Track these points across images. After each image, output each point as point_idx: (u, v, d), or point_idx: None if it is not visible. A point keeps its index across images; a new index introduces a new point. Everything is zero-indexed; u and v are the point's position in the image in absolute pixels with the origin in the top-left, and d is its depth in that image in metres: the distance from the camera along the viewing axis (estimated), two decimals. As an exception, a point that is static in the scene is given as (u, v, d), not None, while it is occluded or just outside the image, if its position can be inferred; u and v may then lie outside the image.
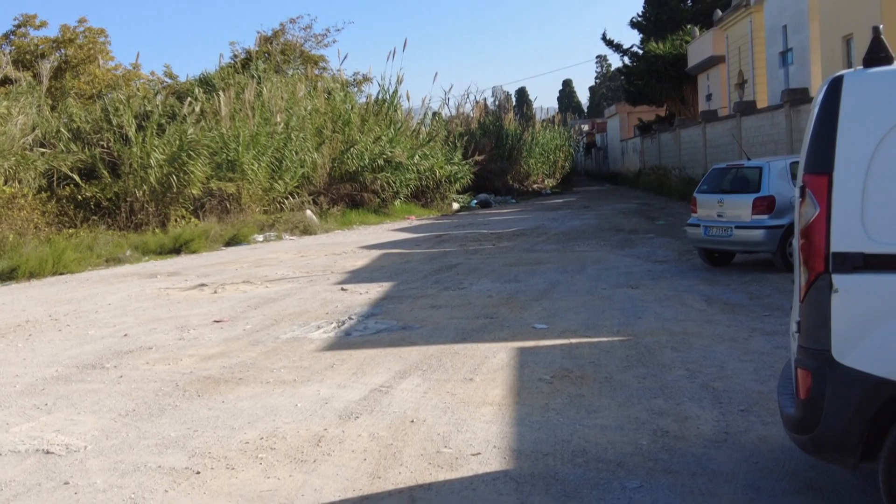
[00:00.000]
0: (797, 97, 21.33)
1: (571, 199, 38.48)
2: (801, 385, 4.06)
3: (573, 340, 8.92)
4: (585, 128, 72.76)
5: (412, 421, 6.40)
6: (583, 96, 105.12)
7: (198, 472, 5.52)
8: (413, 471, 5.38)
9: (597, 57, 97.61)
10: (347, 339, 9.62)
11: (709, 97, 40.23)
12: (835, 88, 3.92)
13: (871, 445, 3.76)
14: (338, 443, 5.99)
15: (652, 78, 46.46)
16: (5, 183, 20.70)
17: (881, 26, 4.18)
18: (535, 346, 8.79)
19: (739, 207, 13.05)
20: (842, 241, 3.73)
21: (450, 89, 78.82)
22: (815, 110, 4.10)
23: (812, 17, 25.32)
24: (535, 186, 46.41)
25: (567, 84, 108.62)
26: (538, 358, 8.26)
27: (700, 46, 40.14)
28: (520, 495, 4.91)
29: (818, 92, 4.27)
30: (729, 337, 8.75)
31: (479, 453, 5.62)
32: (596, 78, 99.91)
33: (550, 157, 49.29)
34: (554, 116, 63.99)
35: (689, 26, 44.60)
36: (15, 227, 19.85)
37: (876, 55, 3.97)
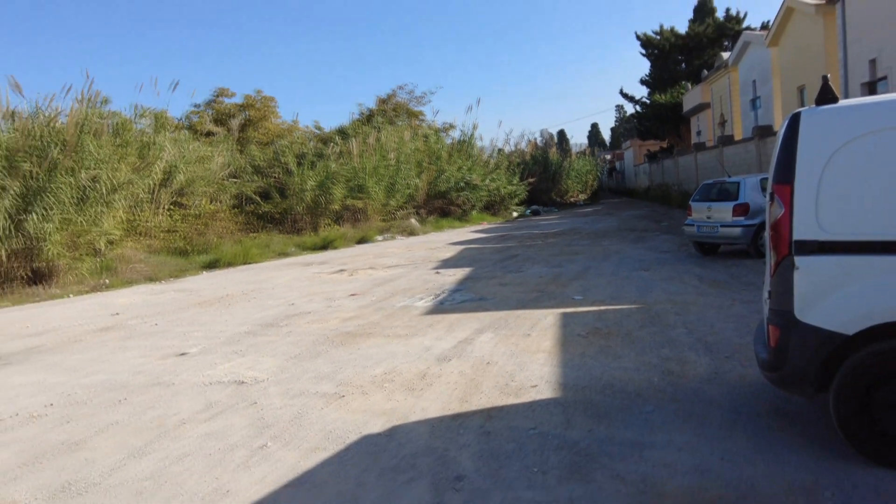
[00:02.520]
0: (764, 132, 20.76)
1: (598, 209, 37.84)
2: (771, 337, 4.13)
3: (602, 307, 8.77)
4: (608, 157, 71.52)
5: (488, 363, 6.38)
6: (606, 135, 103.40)
7: (342, 396, 5.61)
8: (489, 397, 5.37)
9: (616, 106, 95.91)
10: (441, 307, 9.63)
11: (699, 133, 39.12)
12: (794, 121, 4.01)
13: (823, 381, 3.85)
14: (437, 377, 6.01)
15: (656, 120, 45.79)
16: (210, 203, 21.31)
17: (829, 75, 4.14)
18: (574, 311, 8.67)
19: (723, 211, 12.71)
20: (801, 232, 3.83)
21: (510, 132, 78.59)
22: (780, 138, 4.15)
23: (774, 73, 24.70)
24: (571, 199, 45.79)
25: (594, 126, 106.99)
26: (576, 320, 8.15)
27: (692, 97, 39.23)
28: (566, 415, 4.86)
29: (782, 125, 4.24)
30: (717, 305, 8.50)
31: (536, 385, 5.58)
32: (615, 121, 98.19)
33: (583, 178, 48.68)
34: (585, 150, 63.53)
35: (683, 82, 43.63)
36: (217, 233, 20.44)
37: (825, 96, 4.06)
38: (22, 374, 7.23)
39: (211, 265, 17.61)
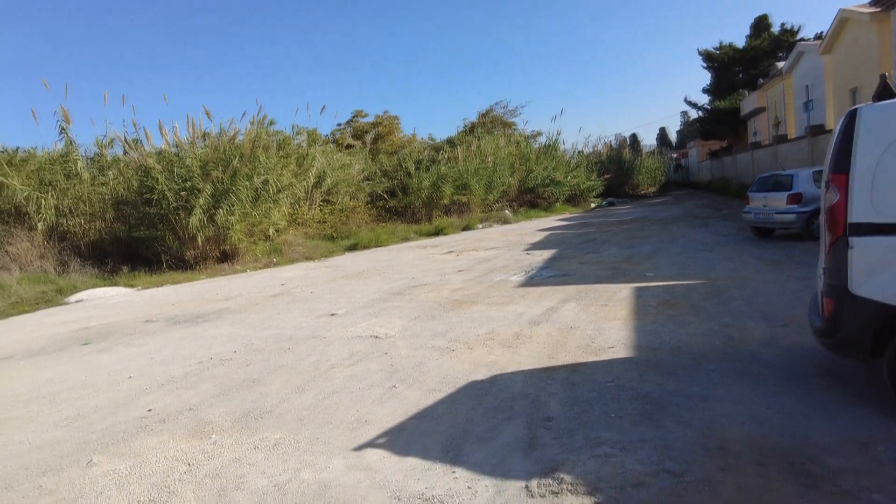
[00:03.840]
0: (816, 130, 18.82)
1: (666, 199, 35.91)
2: (825, 308, 3.81)
3: (670, 282, 8.35)
4: (674, 155, 67.54)
5: (571, 327, 6.23)
6: (672, 137, 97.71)
7: (453, 350, 5.65)
8: (573, 355, 5.25)
9: (681, 112, 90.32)
10: (531, 281, 9.50)
11: (755, 133, 36.17)
12: (852, 116, 3.66)
13: (876, 347, 3.53)
14: (528, 338, 5.94)
15: (717, 123, 42.89)
16: (350, 199, 22.03)
17: (888, 74, 3.71)
18: (645, 286, 8.30)
19: (778, 200, 11.70)
20: (856, 215, 3.55)
21: (589, 136, 76.25)
22: (837, 132, 3.78)
23: (827, 78, 22.27)
24: (642, 192, 43.60)
25: (662, 129, 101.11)
26: (648, 293, 7.80)
27: (749, 102, 36.32)
28: (638, 371, 4.68)
29: (839, 121, 3.86)
30: (772, 280, 7.87)
31: (613, 347, 5.40)
32: (681, 124, 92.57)
33: (652, 173, 46.15)
34: (654, 150, 60.29)
35: (741, 90, 40.54)
36: (355, 223, 21.12)
37: (883, 93, 3.64)
38: (216, 329, 7.81)
39: (351, 248, 18.25)
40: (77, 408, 4.96)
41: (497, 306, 7.61)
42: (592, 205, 34.25)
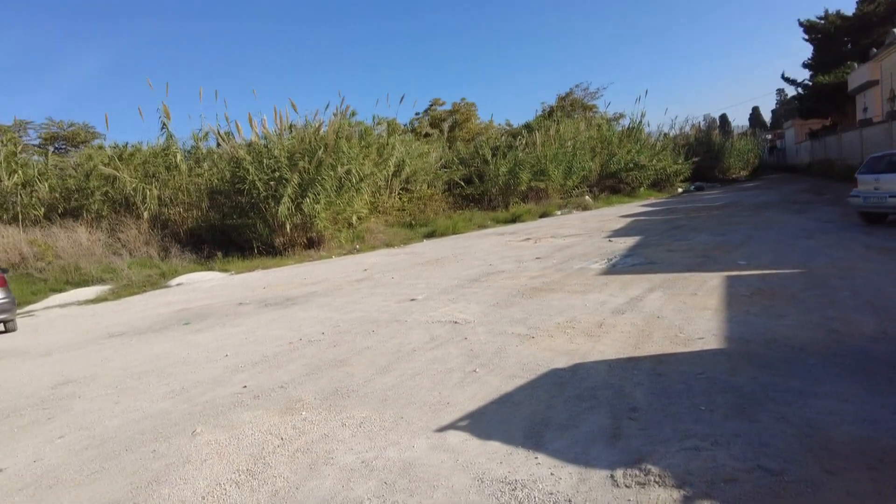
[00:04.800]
0: (940, 104, 16.91)
1: (759, 184, 33.68)
2: None
3: (765, 271, 7.83)
4: (769, 136, 62.93)
5: (657, 316, 6.00)
6: (766, 116, 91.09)
7: (532, 337, 5.61)
8: (659, 345, 5.06)
9: (777, 90, 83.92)
10: (613, 269, 9.22)
11: (865, 109, 32.95)
12: None
13: None
14: (611, 327, 5.79)
15: (818, 100, 39.44)
16: (427, 187, 22.30)
17: None
18: (738, 274, 7.84)
19: (892, 183, 10.66)
20: None
21: (675, 118, 72.43)
22: None
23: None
24: (733, 176, 41.08)
25: (755, 109, 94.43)
26: (740, 282, 7.37)
27: (858, 75, 33.05)
28: (730, 363, 4.44)
29: None
30: (884, 270, 7.20)
31: (703, 338, 5.16)
32: (776, 103, 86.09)
33: (744, 156, 43.30)
34: (746, 131, 56.41)
35: (848, 63, 37.08)
36: (433, 210, 21.38)
37: None
38: (304, 311, 8.19)
39: (429, 235, 18.49)
40: (181, 382, 5.38)
41: (577, 294, 7.46)
42: (679, 190, 32.72)
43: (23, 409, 5.12)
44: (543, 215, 22.71)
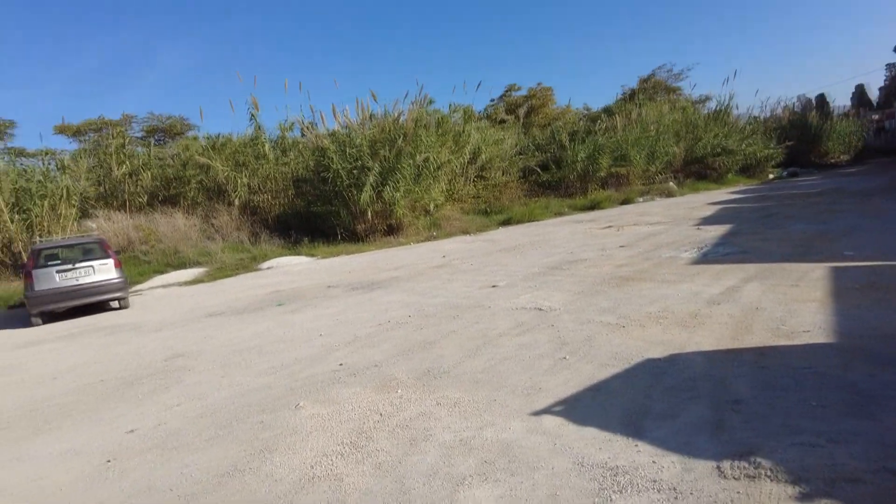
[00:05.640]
0: None
1: (863, 169, 31.03)
2: None
3: (876, 263, 7.25)
4: (875, 117, 57.61)
5: (757, 308, 5.72)
6: (873, 95, 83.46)
7: (623, 326, 5.51)
8: (761, 337, 4.83)
9: (886, 65, 76.51)
10: (705, 258, 8.85)
11: None
12: None
13: None
14: (707, 317, 5.58)
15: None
16: (502, 174, 22.20)
17: None
18: (844, 266, 7.31)
19: None
20: None
21: (766, 99, 67.15)
22: None
23: None
24: (832, 161, 38.06)
25: (859, 87, 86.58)
26: (847, 274, 6.87)
27: None
28: (842, 359, 4.18)
29: None
30: None
31: (809, 331, 4.87)
32: (885, 80, 78.64)
33: (845, 139, 39.86)
34: (848, 111, 51.79)
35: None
36: (508, 197, 21.29)
37: None
38: (389, 295, 8.43)
39: (505, 222, 18.44)
40: (281, 359, 5.71)
41: (668, 284, 7.23)
42: (771, 175, 30.78)
43: (143, 379, 5.62)
44: (624, 202, 22.04)
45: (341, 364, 5.26)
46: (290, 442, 3.72)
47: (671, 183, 25.55)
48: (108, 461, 3.79)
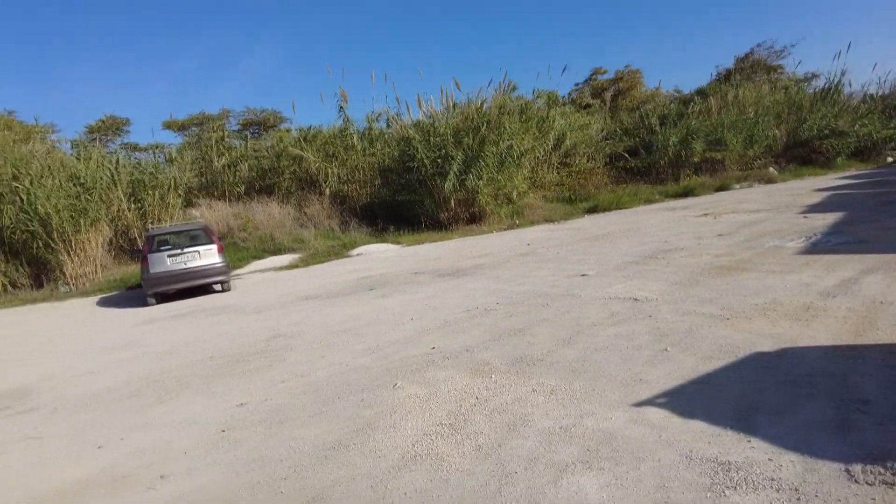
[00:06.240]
0: None
1: None
2: None
3: None
4: None
5: (881, 302, 5.23)
6: None
7: (727, 318, 5.22)
8: (888, 333, 4.42)
9: None
10: (815, 248, 8.19)
11: None
12: None
13: None
14: (822, 311, 5.17)
15: None
16: (587, 161, 21.63)
17: None
18: None
19: None
20: None
21: (886, 74, 60.25)
22: None
23: None
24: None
25: None
26: None
27: None
28: None
29: None
30: None
31: (947, 327, 4.41)
32: None
33: None
34: None
35: None
36: (594, 184, 20.75)
37: None
38: (475, 282, 8.47)
39: (591, 210, 17.98)
40: (375, 341, 5.89)
41: (774, 274, 6.77)
42: (889, 159, 27.98)
43: (248, 357, 5.99)
44: (720, 189, 20.83)
45: (433, 347, 5.36)
46: (390, 420, 3.84)
47: (771, 168, 23.84)
48: (223, 431, 4.07)
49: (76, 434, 4.40)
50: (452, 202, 16.07)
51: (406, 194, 16.68)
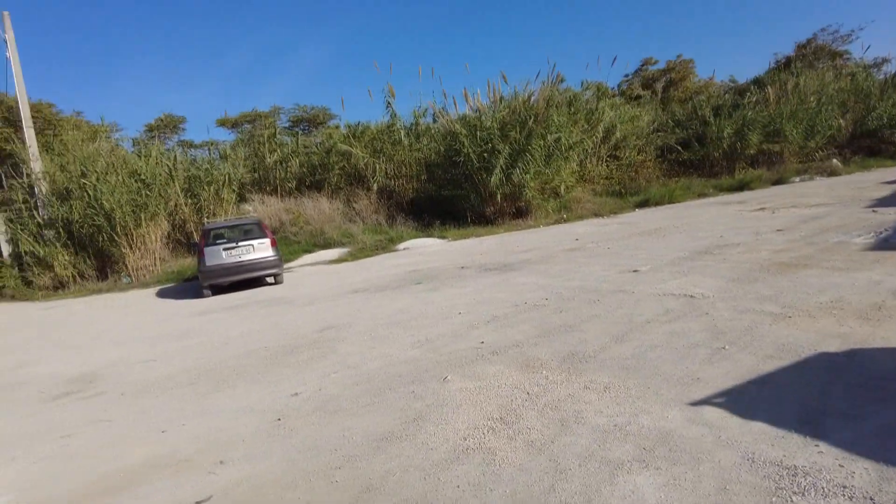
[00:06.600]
0: None
1: None
2: None
3: None
4: None
5: (961, 300, 4.91)
6: None
7: (789, 317, 5.00)
8: (970, 335, 4.14)
9: None
10: (886, 244, 7.72)
11: None
12: None
13: None
14: (895, 310, 4.89)
15: None
16: (637, 153, 21.10)
17: None
18: None
19: None
20: None
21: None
22: None
23: None
24: None
25: None
26: None
27: None
28: None
29: None
30: None
31: None
32: None
33: None
34: None
35: None
36: (644, 178, 20.23)
37: None
38: (523, 277, 8.41)
39: (641, 204, 17.55)
40: (424, 334, 5.93)
41: (840, 272, 6.44)
42: (967, 149, 26.13)
43: (301, 348, 6.14)
44: (777, 182, 19.96)
45: (482, 342, 5.35)
46: (440, 413, 3.85)
47: (834, 160, 22.64)
48: (278, 419, 4.18)
49: (141, 418, 4.61)
50: (498, 196, 15.97)
51: (451, 189, 16.69)
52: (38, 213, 14.88)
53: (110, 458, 3.88)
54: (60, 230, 14.34)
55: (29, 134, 15.39)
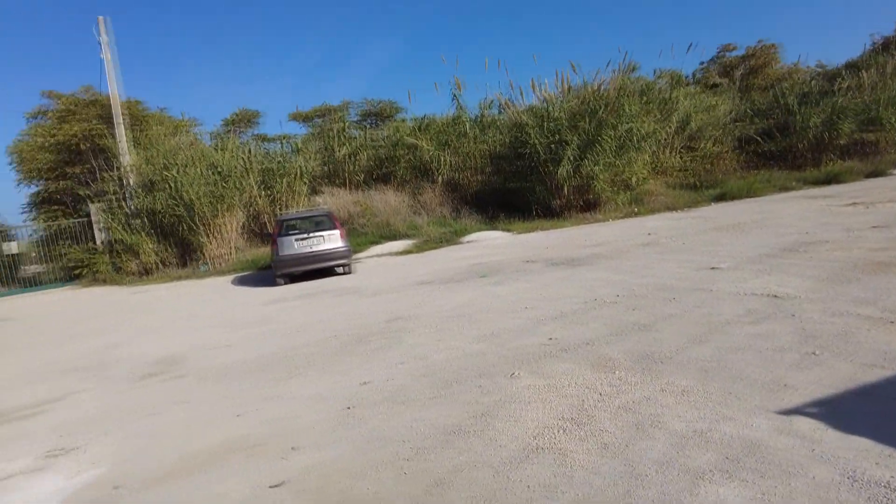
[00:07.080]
0: None
1: None
2: None
3: None
4: None
5: None
6: None
7: (891, 322, 4.58)
8: None
9: None
10: None
11: None
12: None
13: None
14: None
15: None
16: (714, 145, 20.08)
17: None
18: None
19: None
20: None
21: None
22: None
23: None
24: None
25: None
26: None
27: None
28: None
29: None
30: None
31: None
32: None
33: None
34: None
35: None
36: (721, 170, 19.25)
37: None
38: (592, 272, 8.17)
39: (718, 198, 16.70)
40: (490, 328, 5.87)
41: (950, 272, 5.86)
42: None
43: (370, 337, 6.22)
44: (872, 175, 18.45)
45: (550, 338, 5.22)
46: (509, 410, 3.78)
47: (944, 150, 20.69)
48: (348, 408, 4.24)
49: (218, 401, 4.81)
50: (566, 189, 15.63)
51: (517, 181, 16.48)
52: (127, 204, 15.92)
53: (191, 438, 4.06)
54: (146, 219, 15.29)
55: (119, 130, 16.47)
